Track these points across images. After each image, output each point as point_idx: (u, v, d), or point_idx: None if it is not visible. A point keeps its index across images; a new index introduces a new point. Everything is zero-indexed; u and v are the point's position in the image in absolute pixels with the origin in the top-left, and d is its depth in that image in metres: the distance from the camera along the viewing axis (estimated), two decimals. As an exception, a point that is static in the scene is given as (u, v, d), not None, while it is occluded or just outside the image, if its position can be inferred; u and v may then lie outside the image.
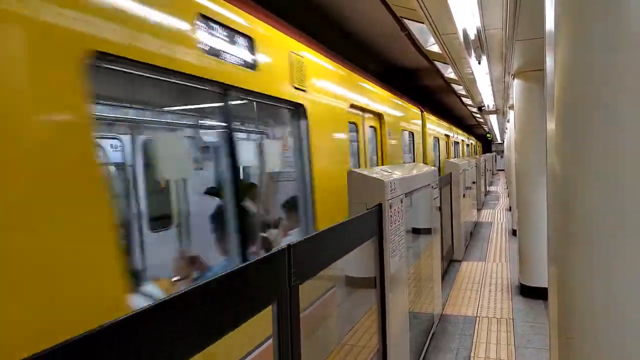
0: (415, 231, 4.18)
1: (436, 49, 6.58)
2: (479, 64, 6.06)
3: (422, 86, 12.81)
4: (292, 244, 1.56)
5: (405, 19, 5.99)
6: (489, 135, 31.33)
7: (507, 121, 12.68)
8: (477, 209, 12.85)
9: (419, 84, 12.40)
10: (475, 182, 11.47)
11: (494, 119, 17.86)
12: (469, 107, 15.85)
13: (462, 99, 13.74)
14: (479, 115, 17.48)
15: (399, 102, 7.30)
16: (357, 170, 2.85)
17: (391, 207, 2.85)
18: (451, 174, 7.55)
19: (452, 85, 10.85)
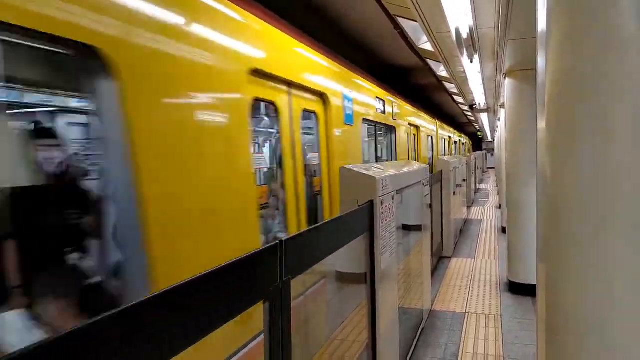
0: (405, 228, 4.20)
1: (429, 47, 6.61)
2: (471, 62, 6.10)
3: (415, 84, 12.84)
4: (284, 239, 1.57)
5: (398, 17, 6.01)
6: (479, 133, 31.50)
7: (498, 120, 12.76)
8: (467, 207, 12.93)
9: (412, 81, 12.44)
10: (465, 180, 11.54)
11: (485, 118, 17.94)
12: (460, 105, 15.93)
13: (454, 97, 13.80)
14: (470, 113, 17.56)
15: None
16: (349, 167, 2.86)
17: (382, 204, 2.87)
18: (442, 171, 7.59)
19: (444, 83, 10.89)
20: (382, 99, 6.56)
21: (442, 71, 8.87)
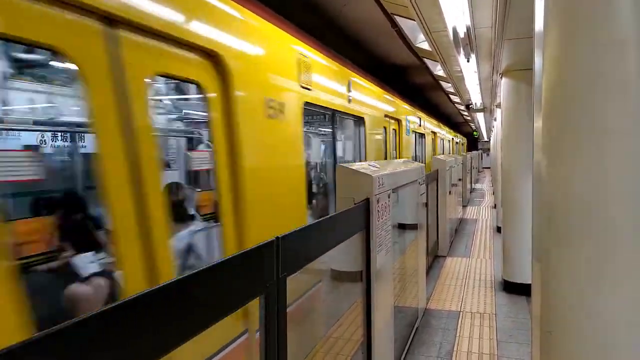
0: (401, 226, 4.21)
1: (426, 46, 6.62)
2: (468, 62, 6.10)
3: (412, 83, 12.85)
4: (281, 236, 1.57)
5: (396, 15, 6.01)
6: (475, 133, 31.58)
7: (494, 119, 12.79)
8: (463, 206, 12.97)
9: (409, 80, 12.45)
10: (461, 180, 11.56)
11: (481, 117, 17.98)
12: (456, 104, 15.95)
13: (451, 96, 13.82)
14: (466, 113, 17.60)
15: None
16: (345, 165, 2.87)
17: (379, 202, 2.87)
18: (437, 170, 7.61)
19: (441, 82, 10.91)
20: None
21: (438, 70, 8.88)
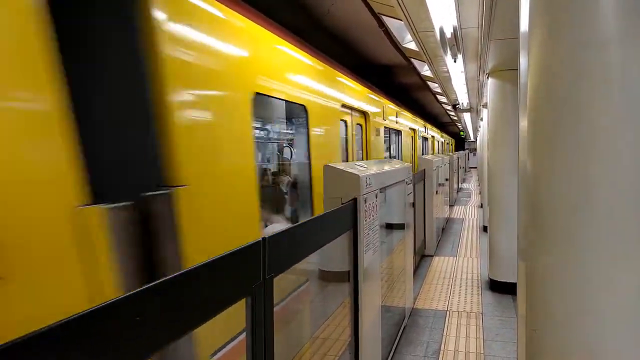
0: (388, 226, 4.21)
1: (413, 46, 6.64)
2: (455, 62, 6.14)
3: (399, 83, 12.90)
4: (268, 236, 1.56)
5: (383, 15, 6.02)
6: (462, 133, 31.82)
7: (480, 119, 12.89)
8: (450, 206, 13.04)
9: (396, 80, 12.49)
10: (448, 179, 11.63)
11: (467, 117, 18.14)
12: (443, 104, 16.06)
13: (438, 96, 13.90)
14: (453, 113, 17.72)
15: None
16: (333, 165, 2.86)
17: (366, 202, 2.87)
18: (425, 170, 7.63)
19: (428, 82, 10.95)
20: None
21: (426, 70, 8.92)
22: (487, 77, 6.15)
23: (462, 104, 12.53)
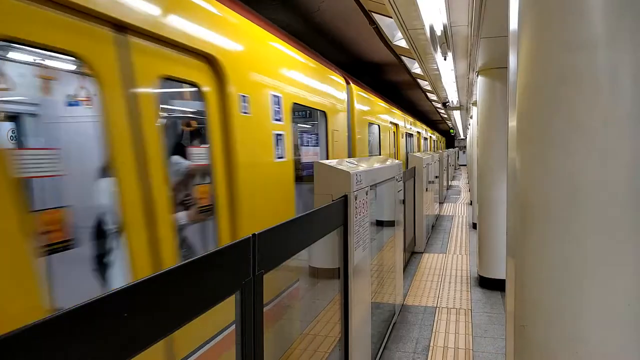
0: (379, 223, 4.22)
1: (403, 44, 6.65)
2: (445, 59, 6.16)
3: (390, 81, 12.93)
4: (258, 233, 1.56)
5: (374, 12, 6.02)
6: (452, 130, 31.97)
7: (470, 117, 12.96)
8: (439, 203, 13.11)
9: (387, 78, 12.51)
10: (438, 177, 11.68)
11: (457, 115, 18.21)
12: (433, 102, 16.12)
13: (428, 94, 13.95)
14: (443, 111, 17.79)
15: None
16: (323, 161, 2.86)
17: (356, 199, 2.87)
18: (415, 168, 7.66)
19: (418, 80, 10.98)
20: None
21: (416, 68, 8.93)
22: (477, 75, 6.18)
23: (452, 101, 12.58)
